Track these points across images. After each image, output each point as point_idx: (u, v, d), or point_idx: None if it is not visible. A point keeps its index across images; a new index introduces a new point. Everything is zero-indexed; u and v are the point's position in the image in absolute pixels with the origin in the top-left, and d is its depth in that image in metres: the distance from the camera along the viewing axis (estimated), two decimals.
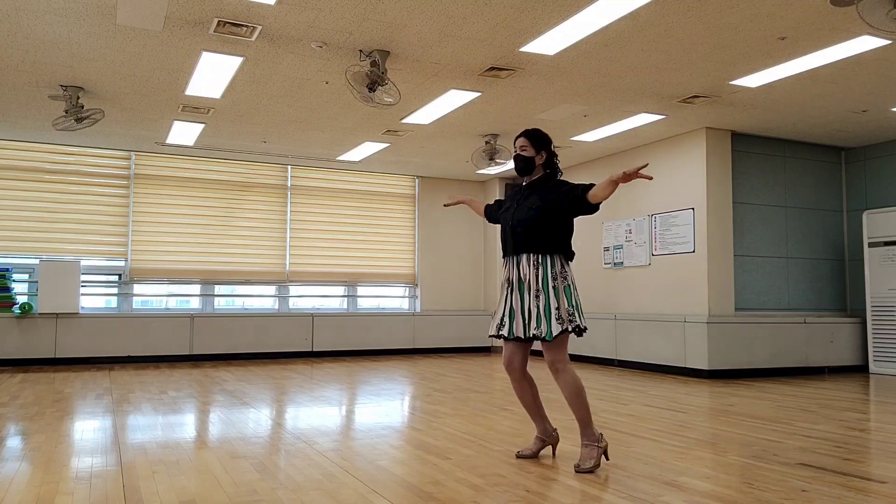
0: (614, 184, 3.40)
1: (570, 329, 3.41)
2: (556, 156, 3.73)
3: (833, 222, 8.53)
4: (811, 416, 4.99)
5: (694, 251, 7.73)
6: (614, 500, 2.85)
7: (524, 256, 3.53)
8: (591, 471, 3.32)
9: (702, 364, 7.33)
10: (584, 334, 3.50)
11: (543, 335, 3.41)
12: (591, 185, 3.49)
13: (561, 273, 3.50)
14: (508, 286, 3.59)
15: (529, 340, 3.55)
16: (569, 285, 3.50)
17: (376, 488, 3.01)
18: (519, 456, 3.65)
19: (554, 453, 3.72)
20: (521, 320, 3.50)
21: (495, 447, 3.86)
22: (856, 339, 8.17)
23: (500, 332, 3.58)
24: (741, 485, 3.10)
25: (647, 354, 8.03)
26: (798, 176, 8.31)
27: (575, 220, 3.68)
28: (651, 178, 3.46)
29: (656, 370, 7.91)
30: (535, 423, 3.71)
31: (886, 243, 7.86)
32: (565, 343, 3.48)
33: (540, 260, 3.50)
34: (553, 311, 3.41)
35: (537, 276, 3.49)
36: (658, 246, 8.24)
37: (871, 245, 8.01)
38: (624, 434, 4.26)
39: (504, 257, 3.68)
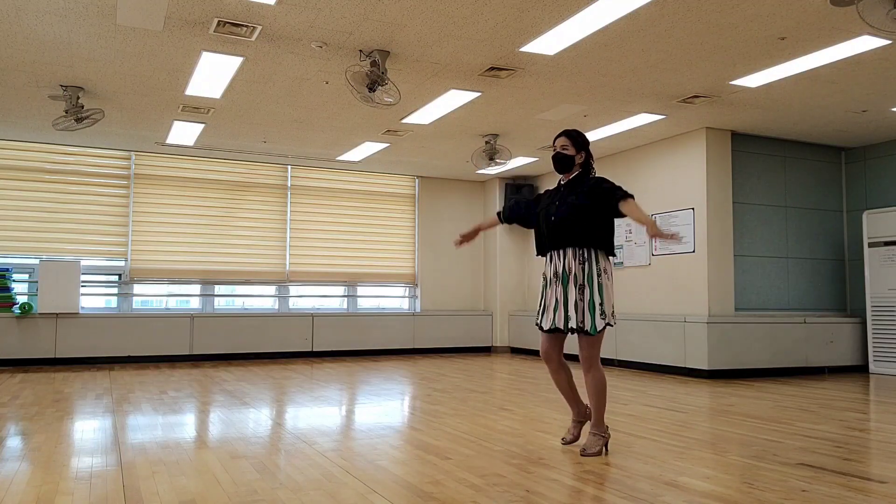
0: (643, 223, 3.56)
1: (613, 323, 3.67)
2: (592, 157, 3.90)
3: (833, 222, 8.53)
4: (811, 416, 4.99)
5: (694, 251, 7.73)
6: (614, 500, 2.85)
7: (570, 251, 3.69)
8: (596, 454, 3.63)
9: (702, 364, 7.33)
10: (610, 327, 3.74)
11: (587, 328, 3.60)
12: (630, 196, 3.64)
13: (604, 268, 3.68)
14: (554, 278, 3.74)
15: (569, 332, 3.70)
16: (611, 282, 3.69)
17: (376, 488, 3.01)
18: (564, 442, 3.87)
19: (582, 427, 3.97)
20: (563, 312, 3.67)
21: (495, 447, 3.86)
22: (856, 339, 8.17)
23: (540, 323, 3.78)
24: (741, 485, 3.10)
25: (647, 354, 8.03)
26: (798, 176, 8.31)
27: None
28: (679, 240, 3.62)
29: (656, 370, 7.91)
30: (571, 406, 3.92)
31: (886, 243, 7.86)
32: (601, 341, 3.71)
33: (586, 255, 3.67)
34: (598, 307, 3.61)
35: (583, 271, 3.66)
36: (658, 246, 8.24)
37: (871, 245, 8.01)
38: (624, 434, 4.26)
39: (544, 252, 3.84)
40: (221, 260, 9.57)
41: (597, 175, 3.86)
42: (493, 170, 9.47)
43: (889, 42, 5.10)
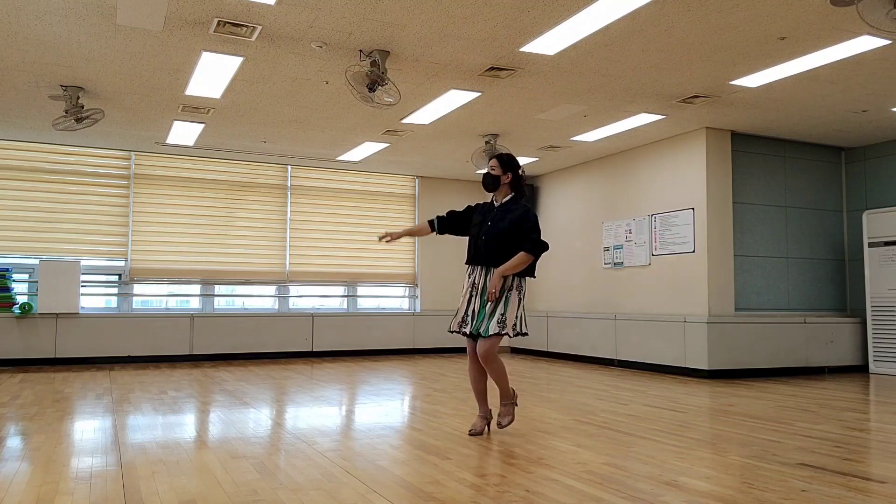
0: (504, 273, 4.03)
1: (509, 334, 4.00)
2: (523, 178, 4.26)
3: (833, 222, 8.53)
4: (811, 416, 5.00)
5: (694, 251, 7.73)
6: (614, 500, 2.85)
7: (491, 269, 4.05)
8: (511, 422, 4.19)
9: (702, 364, 7.33)
10: (524, 336, 4.14)
11: (482, 331, 4.00)
12: (530, 251, 4.03)
13: (517, 286, 4.06)
14: (472, 290, 4.12)
15: (476, 335, 4.10)
16: (519, 298, 4.06)
17: (376, 488, 3.01)
18: (472, 433, 4.17)
19: (489, 428, 4.28)
20: (470, 320, 4.10)
21: (495, 447, 3.87)
22: (856, 339, 8.17)
23: (463, 330, 4.13)
24: (741, 485, 3.10)
25: (647, 354, 8.03)
26: (798, 176, 8.31)
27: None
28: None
29: (656, 370, 7.91)
30: (480, 404, 4.27)
31: (886, 243, 7.86)
32: (498, 342, 4.06)
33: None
34: (497, 315, 3.98)
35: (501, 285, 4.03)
36: (658, 246, 8.24)
37: (871, 245, 8.01)
38: (624, 434, 4.26)
39: (471, 264, 4.19)
40: (221, 260, 9.57)
41: (526, 201, 4.26)
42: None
43: (889, 42, 5.10)
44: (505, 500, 2.84)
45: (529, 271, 4.08)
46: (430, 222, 4.46)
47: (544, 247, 4.06)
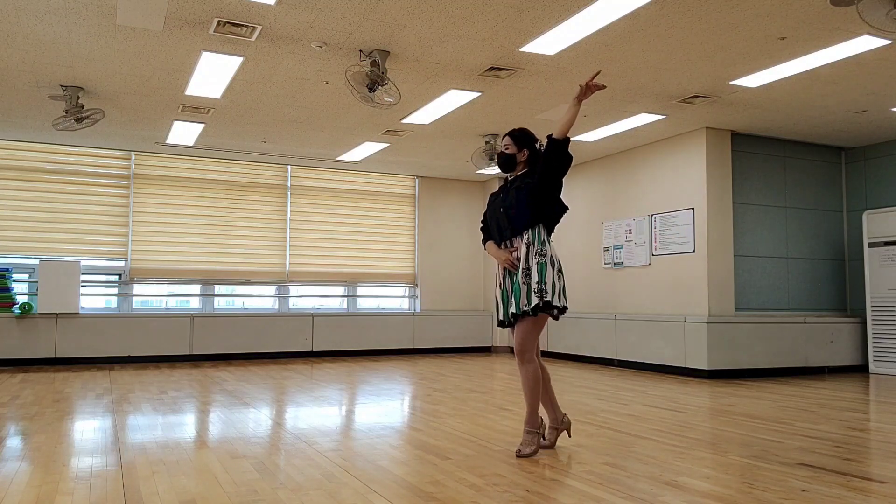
0: (577, 101, 3.60)
1: (552, 300, 3.50)
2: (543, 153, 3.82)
3: (833, 222, 8.53)
4: (811, 416, 5.00)
5: (694, 251, 7.72)
6: (614, 500, 2.85)
7: (516, 238, 3.66)
8: (530, 455, 3.57)
9: (702, 364, 7.33)
10: (561, 313, 3.61)
11: (522, 307, 3.54)
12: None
13: (539, 252, 3.59)
14: (504, 273, 3.70)
15: (522, 316, 3.60)
16: (551, 264, 3.59)
17: (376, 488, 3.01)
18: (540, 447, 3.72)
19: (569, 434, 3.95)
20: (513, 301, 3.62)
21: (495, 447, 3.86)
22: (856, 339, 8.17)
23: (501, 320, 3.70)
24: (741, 485, 3.10)
25: (647, 354, 8.03)
26: (798, 176, 8.31)
27: (570, 220, 3.78)
28: (605, 87, 3.65)
29: (656, 370, 7.91)
30: (547, 411, 3.80)
31: (886, 243, 7.86)
32: (538, 329, 3.61)
33: (531, 237, 3.62)
34: (533, 284, 3.53)
35: (526, 254, 3.60)
36: (658, 246, 8.24)
37: (871, 245, 8.01)
38: (624, 434, 4.26)
39: (498, 242, 3.77)
40: (221, 260, 9.57)
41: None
42: (493, 170, 9.47)
43: (889, 42, 5.09)
44: (505, 500, 2.84)
45: (551, 222, 3.69)
46: (483, 240, 3.94)
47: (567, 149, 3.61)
